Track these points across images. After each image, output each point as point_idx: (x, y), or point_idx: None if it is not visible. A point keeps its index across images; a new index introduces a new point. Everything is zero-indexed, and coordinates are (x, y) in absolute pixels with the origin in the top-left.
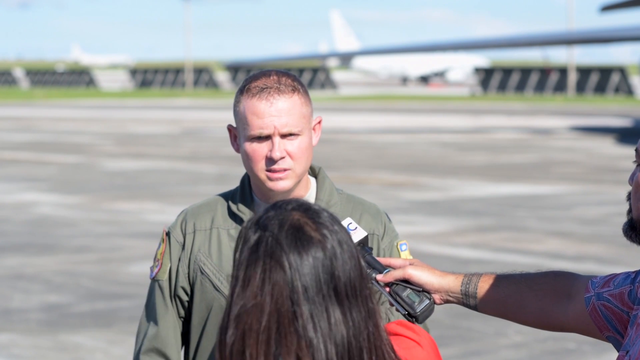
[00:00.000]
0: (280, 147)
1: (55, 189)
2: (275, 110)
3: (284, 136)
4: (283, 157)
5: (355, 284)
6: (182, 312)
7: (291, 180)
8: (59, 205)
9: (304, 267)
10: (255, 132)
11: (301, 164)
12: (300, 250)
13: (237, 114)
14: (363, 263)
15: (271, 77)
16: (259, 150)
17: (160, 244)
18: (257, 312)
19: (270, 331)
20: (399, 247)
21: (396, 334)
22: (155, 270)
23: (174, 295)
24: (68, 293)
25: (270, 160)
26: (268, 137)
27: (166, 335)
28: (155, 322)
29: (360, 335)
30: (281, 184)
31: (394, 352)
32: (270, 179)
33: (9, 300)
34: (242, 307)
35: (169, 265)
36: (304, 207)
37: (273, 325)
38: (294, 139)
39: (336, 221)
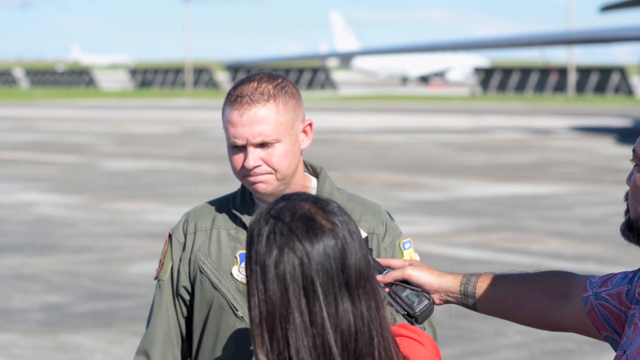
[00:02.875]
0: (254, 156)
1: (55, 189)
2: (247, 120)
3: (259, 145)
4: (258, 166)
5: (364, 273)
6: (185, 312)
7: (272, 184)
8: (58, 205)
9: (316, 254)
10: (231, 141)
11: (282, 167)
12: (312, 238)
13: (222, 119)
14: None
15: (251, 84)
16: (237, 158)
17: (163, 246)
18: (271, 300)
19: (280, 317)
20: (401, 245)
21: (399, 335)
22: (159, 270)
23: (177, 295)
24: (68, 293)
25: (246, 169)
26: (244, 146)
27: (154, 334)
28: (151, 321)
29: (371, 324)
30: (262, 187)
31: (397, 347)
32: (251, 182)
33: (9, 300)
34: (260, 297)
35: (170, 265)
36: (313, 198)
37: (284, 311)
38: (269, 147)
39: (344, 212)
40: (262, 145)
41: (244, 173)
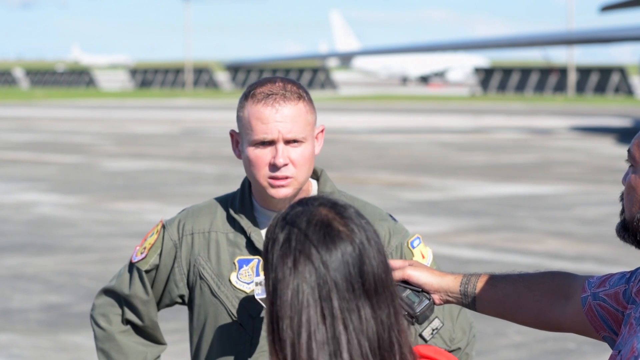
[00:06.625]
0: (283, 153)
1: (55, 189)
2: (281, 116)
3: (287, 143)
4: (286, 164)
5: (383, 279)
6: (168, 301)
7: (292, 188)
8: (59, 205)
9: (334, 262)
10: (259, 137)
11: (303, 172)
12: (330, 245)
13: (240, 119)
14: None
15: (277, 84)
16: (262, 156)
17: (153, 234)
18: (286, 310)
19: (304, 327)
20: (410, 245)
21: (424, 357)
22: (140, 256)
23: (160, 289)
24: (68, 293)
25: (273, 167)
26: (272, 143)
27: (134, 294)
28: (116, 284)
29: (391, 331)
30: (283, 192)
31: (413, 356)
32: (272, 186)
33: (9, 300)
34: (276, 308)
35: (157, 262)
36: (330, 203)
37: (305, 322)
38: (297, 146)
39: (362, 217)
40: (290, 143)
41: (270, 172)
